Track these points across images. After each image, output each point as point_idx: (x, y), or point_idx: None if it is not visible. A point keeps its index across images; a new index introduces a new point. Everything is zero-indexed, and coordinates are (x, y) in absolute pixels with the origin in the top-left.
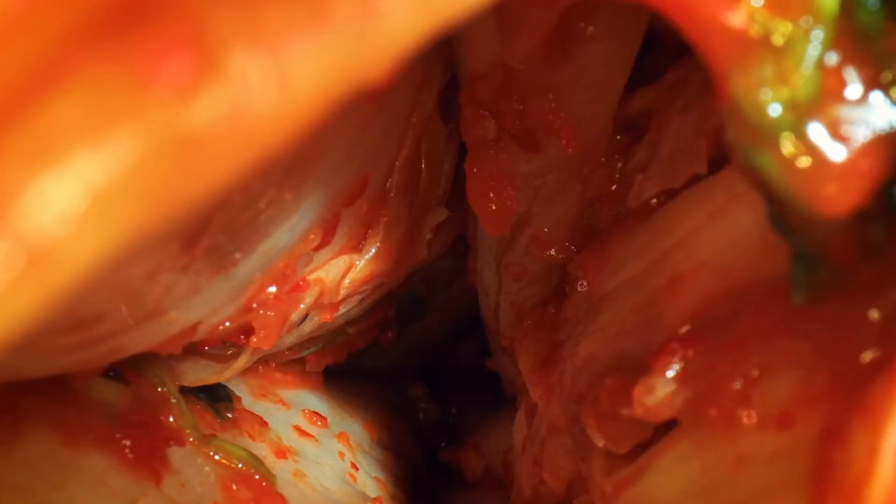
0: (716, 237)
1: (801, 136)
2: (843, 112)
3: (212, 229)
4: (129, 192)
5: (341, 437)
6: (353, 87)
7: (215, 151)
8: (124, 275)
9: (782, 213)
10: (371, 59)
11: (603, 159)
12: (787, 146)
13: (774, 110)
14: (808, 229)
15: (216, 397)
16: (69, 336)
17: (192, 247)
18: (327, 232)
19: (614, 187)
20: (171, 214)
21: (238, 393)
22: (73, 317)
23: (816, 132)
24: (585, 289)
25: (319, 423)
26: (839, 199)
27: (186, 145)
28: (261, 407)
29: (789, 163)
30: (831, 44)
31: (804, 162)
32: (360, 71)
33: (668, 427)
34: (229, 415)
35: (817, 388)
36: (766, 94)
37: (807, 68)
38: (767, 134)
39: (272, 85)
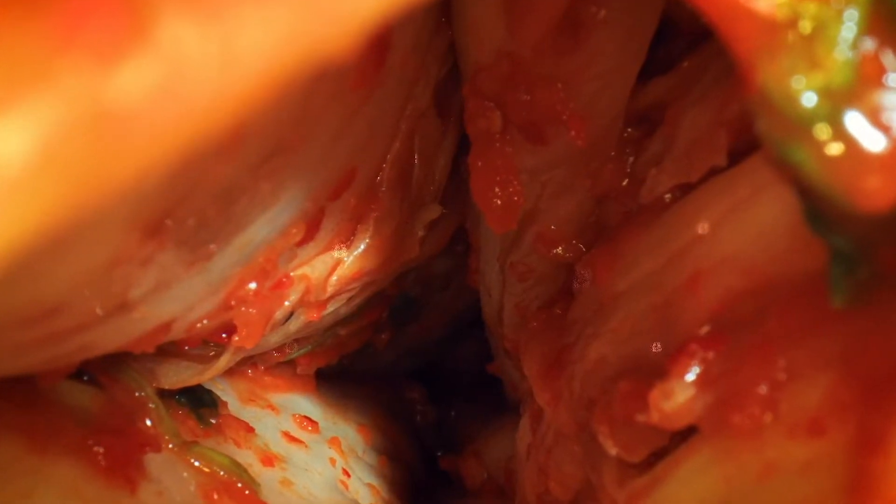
0: (738, 232)
1: (838, 127)
2: (883, 99)
3: (177, 217)
4: (42, 170)
5: (333, 442)
6: (312, 62)
7: (143, 128)
8: (78, 264)
9: (819, 209)
10: (330, 30)
11: (613, 153)
12: (824, 138)
13: (808, 99)
14: (848, 227)
15: (200, 402)
16: (32, 329)
17: (156, 236)
18: (311, 226)
19: (625, 182)
20: (98, 197)
21: (225, 398)
22: (33, 308)
23: (855, 121)
24: (595, 288)
25: (310, 428)
26: (881, 193)
27: (108, 119)
28: (248, 412)
29: (826, 155)
30: (866, 28)
31: (842, 153)
32: (317, 43)
33: (686, 434)
34: (213, 420)
35: (850, 394)
36: (798, 83)
37: (841, 52)
38: (802, 125)
39: (213, 56)
